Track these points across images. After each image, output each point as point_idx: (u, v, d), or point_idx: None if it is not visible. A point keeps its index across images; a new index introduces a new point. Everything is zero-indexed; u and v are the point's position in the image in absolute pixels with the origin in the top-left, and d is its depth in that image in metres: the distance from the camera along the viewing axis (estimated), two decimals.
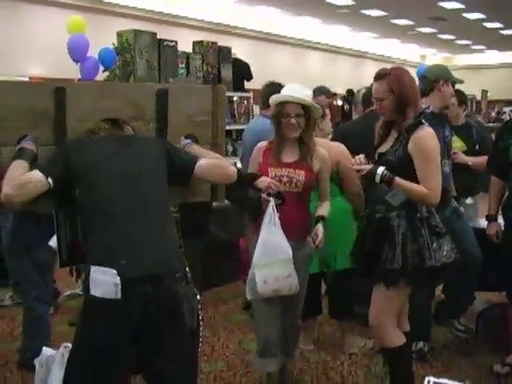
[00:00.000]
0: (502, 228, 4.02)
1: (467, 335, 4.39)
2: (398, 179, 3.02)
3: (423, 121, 3.12)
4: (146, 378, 2.44)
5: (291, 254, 3.25)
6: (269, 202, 3.23)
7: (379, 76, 3.15)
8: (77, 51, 5.45)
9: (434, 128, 3.17)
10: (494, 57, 24.91)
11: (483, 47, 24.21)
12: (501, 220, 4.07)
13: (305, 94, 3.35)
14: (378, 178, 3.04)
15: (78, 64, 5.50)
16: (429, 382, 1.92)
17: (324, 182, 3.53)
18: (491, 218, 4.04)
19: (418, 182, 3.05)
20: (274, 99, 3.40)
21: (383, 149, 3.19)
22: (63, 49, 5.53)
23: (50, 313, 5.08)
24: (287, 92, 3.38)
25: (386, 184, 3.05)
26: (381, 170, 3.04)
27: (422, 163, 3.04)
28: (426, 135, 3.09)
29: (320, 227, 3.40)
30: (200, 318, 2.42)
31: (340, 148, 4.02)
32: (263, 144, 3.52)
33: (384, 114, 3.19)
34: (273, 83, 5.00)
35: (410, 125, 3.08)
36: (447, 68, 4.24)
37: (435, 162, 3.09)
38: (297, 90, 3.34)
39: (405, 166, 3.05)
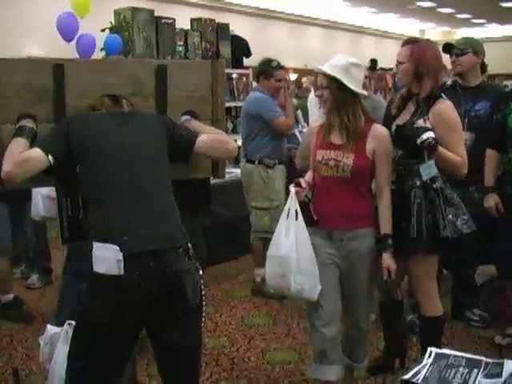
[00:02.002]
0: None
1: (484, 324, 4.32)
2: (441, 147, 3.02)
3: (442, 94, 3.16)
4: (154, 352, 2.47)
5: (283, 252, 2.99)
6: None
7: (406, 42, 3.21)
8: (65, 30, 5.40)
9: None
10: (494, 30, 24.70)
11: (483, 21, 23.99)
12: None
13: (336, 63, 2.95)
14: (422, 138, 2.94)
15: (71, 43, 5.48)
16: (431, 352, 1.93)
17: (380, 166, 3.01)
18: (488, 190, 3.93)
19: None
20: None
21: (401, 121, 3.19)
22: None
23: (37, 286, 5.18)
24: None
25: (428, 150, 3.01)
26: (431, 134, 2.96)
27: (448, 134, 3.08)
28: (446, 107, 3.13)
29: (388, 256, 2.98)
30: (203, 293, 2.42)
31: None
32: (316, 124, 3.23)
33: (402, 79, 3.23)
34: (264, 61, 5.08)
35: (428, 96, 3.10)
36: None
37: (460, 132, 3.16)
38: (332, 59, 2.99)
39: None
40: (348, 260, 3.05)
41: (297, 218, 3.00)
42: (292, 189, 3.05)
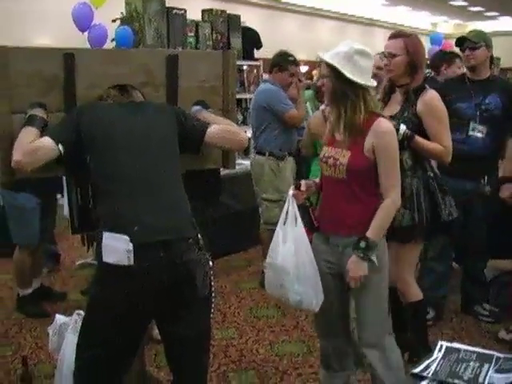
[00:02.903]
0: None
1: (493, 319, 4.29)
2: (417, 137, 3.12)
3: (426, 85, 3.28)
4: (163, 342, 2.47)
5: (280, 260, 2.77)
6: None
7: (395, 35, 3.27)
8: (81, 20, 5.41)
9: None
10: (507, 23, 24.49)
11: (496, 14, 23.78)
12: None
13: (339, 51, 2.65)
14: (400, 134, 3.05)
15: (85, 33, 5.48)
16: (441, 346, 1.92)
17: (380, 166, 2.65)
18: (505, 181, 3.98)
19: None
20: None
21: (390, 112, 3.24)
22: (71, 18, 5.50)
23: (45, 271, 5.21)
24: None
25: (407, 140, 3.11)
26: (403, 127, 3.10)
27: (435, 123, 3.18)
28: (434, 97, 3.21)
29: (353, 260, 2.65)
30: (212, 284, 2.42)
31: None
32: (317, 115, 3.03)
33: (392, 71, 3.24)
34: (281, 53, 5.06)
35: (416, 88, 3.22)
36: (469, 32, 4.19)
37: (446, 121, 3.22)
38: (338, 46, 2.70)
39: (414, 127, 3.16)
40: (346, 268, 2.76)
41: (296, 224, 2.77)
42: (290, 191, 2.84)
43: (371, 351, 2.80)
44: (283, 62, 4.98)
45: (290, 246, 2.76)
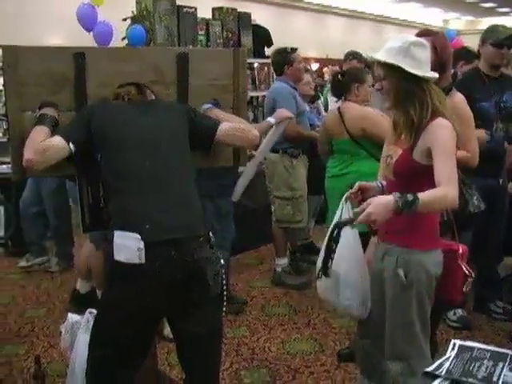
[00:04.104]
0: None
1: (507, 316, 4.24)
2: None
3: (453, 87, 3.20)
4: (175, 340, 2.47)
5: (331, 264, 2.62)
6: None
7: (424, 34, 3.13)
8: (85, 20, 5.44)
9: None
10: None
11: (508, 10, 23.65)
12: None
13: (391, 46, 2.43)
14: None
15: (91, 33, 5.50)
16: (454, 344, 1.90)
17: (435, 161, 2.36)
18: None
19: None
20: None
21: None
22: None
23: (54, 270, 5.24)
24: None
25: None
26: None
27: (463, 127, 2.89)
28: (459, 101, 3.14)
29: (386, 200, 2.25)
30: (224, 282, 2.41)
31: (365, 112, 3.91)
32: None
33: None
34: (279, 51, 5.05)
35: (443, 88, 3.00)
36: (490, 28, 4.11)
37: (472, 124, 3.17)
38: (388, 42, 2.48)
39: None
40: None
41: (350, 227, 2.57)
42: (345, 194, 2.66)
43: (393, 363, 2.63)
44: (287, 56, 4.99)
45: (340, 251, 2.60)
